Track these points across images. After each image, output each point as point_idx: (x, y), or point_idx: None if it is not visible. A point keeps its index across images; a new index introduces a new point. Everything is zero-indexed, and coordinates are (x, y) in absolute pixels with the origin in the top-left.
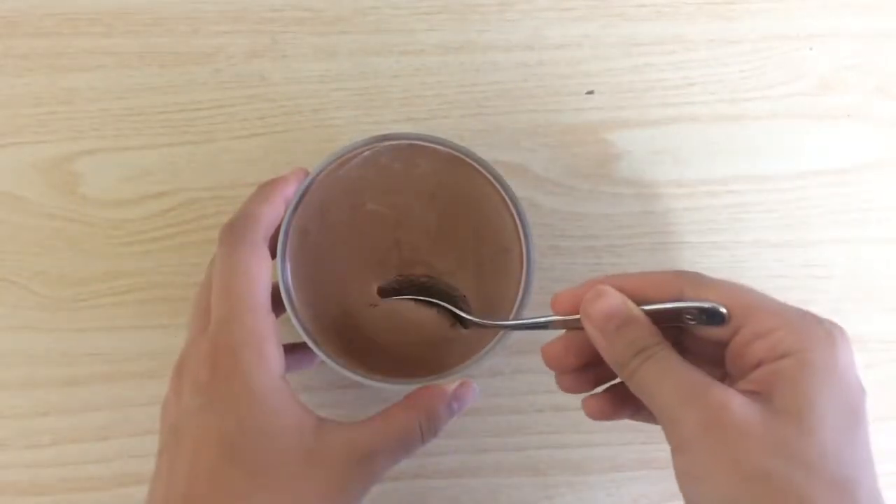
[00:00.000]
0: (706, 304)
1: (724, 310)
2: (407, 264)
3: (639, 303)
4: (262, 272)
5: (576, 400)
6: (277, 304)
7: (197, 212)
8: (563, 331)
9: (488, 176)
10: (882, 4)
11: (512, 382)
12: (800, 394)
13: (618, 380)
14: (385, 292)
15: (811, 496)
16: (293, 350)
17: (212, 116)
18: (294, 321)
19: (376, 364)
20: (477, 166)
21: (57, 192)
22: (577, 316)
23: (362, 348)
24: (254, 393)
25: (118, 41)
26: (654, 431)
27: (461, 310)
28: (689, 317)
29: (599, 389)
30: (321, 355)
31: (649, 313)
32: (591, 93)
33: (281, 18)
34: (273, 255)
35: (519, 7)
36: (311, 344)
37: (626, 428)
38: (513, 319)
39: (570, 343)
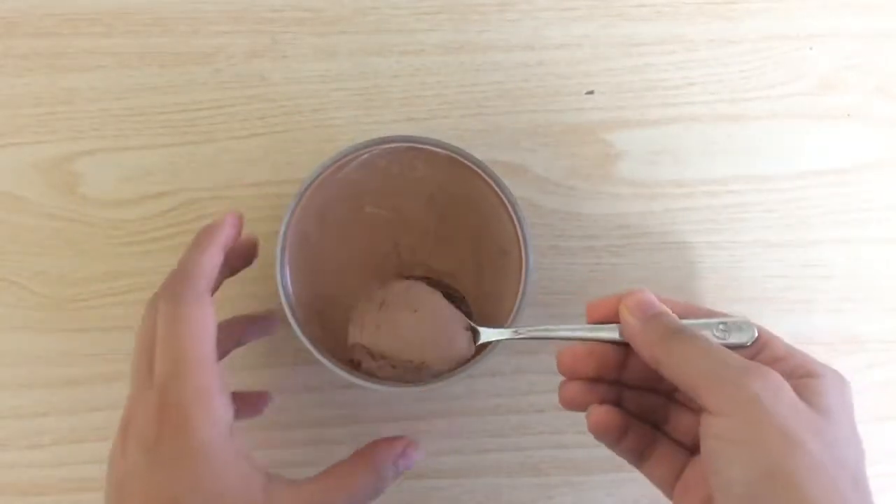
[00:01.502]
0: (738, 319)
1: (754, 325)
2: (406, 266)
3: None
4: (206, 324)
5: None
6: (225, 340)
7: (197, 212)
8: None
9: (486, 178)
10: (882, 4)
11: (512, 382)
12: (825, 403)
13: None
14: None
15: (841, 481)
16: (243, 398)
17: (212, 116)
18: (293, 325)
19: (377, 366)
20: (475, 168)
21: (57, 192)
22: (603, 325)
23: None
24: (200, 452)
25: (118, 41)
26: None
27: (461, 310)
28: (716, 333)
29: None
30: (320, 358)
31: None
32: (591, 93)
33: (281, 18)
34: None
35: (519, 7)
36: (309, 346)
37: None
38: (517, 325)
39: (596, 347)
